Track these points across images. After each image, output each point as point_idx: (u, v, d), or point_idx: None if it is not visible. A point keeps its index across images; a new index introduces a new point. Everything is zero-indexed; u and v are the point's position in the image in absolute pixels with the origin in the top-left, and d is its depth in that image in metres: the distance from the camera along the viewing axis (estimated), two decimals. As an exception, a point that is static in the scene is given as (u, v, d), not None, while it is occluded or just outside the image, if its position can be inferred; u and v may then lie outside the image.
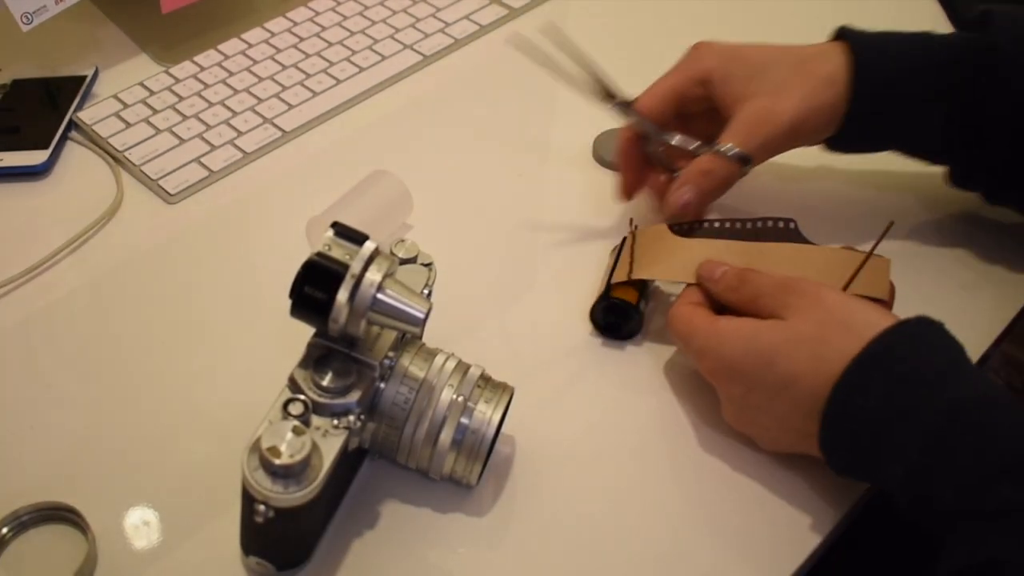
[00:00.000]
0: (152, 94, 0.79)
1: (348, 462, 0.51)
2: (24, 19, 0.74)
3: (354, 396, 0.48)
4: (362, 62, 0.83)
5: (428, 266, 0.54)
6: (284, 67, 0.82)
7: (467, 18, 0.87)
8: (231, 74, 0.81)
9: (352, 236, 0.47)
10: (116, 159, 0.75)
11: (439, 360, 0.52)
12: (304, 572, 0.51)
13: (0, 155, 0.74)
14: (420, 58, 0.83)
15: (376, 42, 0.85)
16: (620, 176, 0.67)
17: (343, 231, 0.48)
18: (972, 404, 0.47)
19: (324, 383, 0.48)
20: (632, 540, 0.52)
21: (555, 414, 0.58)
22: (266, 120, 0.77)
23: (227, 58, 0.83)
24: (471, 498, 0.54)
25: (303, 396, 0.47)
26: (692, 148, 0.64)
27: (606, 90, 0.64)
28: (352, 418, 0.48)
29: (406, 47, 0.84)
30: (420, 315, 0.47)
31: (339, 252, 0.47)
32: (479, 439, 0.51)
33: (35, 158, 0.73)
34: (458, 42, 0.85)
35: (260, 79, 0.81)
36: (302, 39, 0.85)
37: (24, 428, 0.58)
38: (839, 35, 0.65)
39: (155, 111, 0.78)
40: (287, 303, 0.47)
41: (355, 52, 0.84)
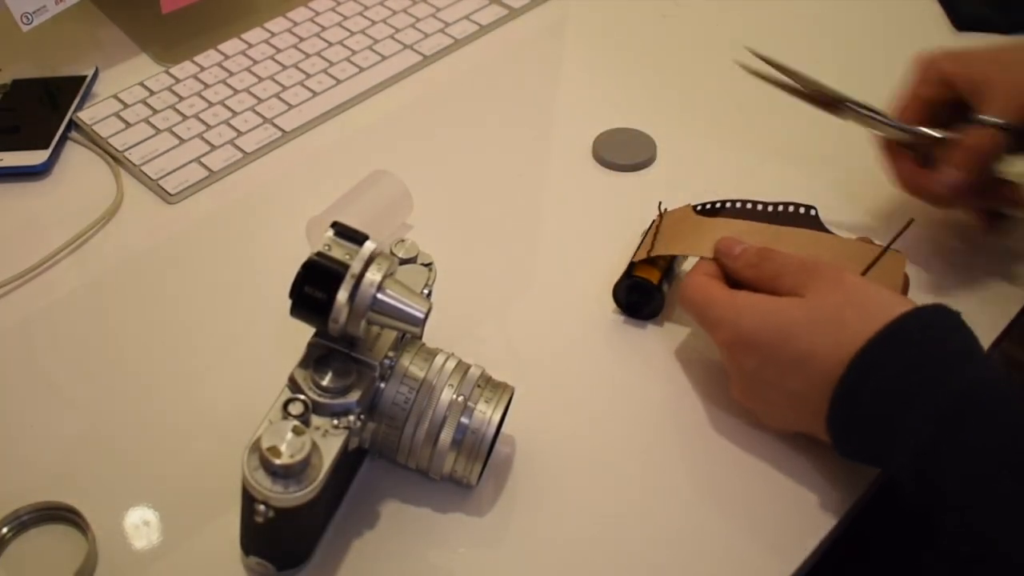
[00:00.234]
0: (152, 94, 0.79)
1: (348, 462, 0.51)
2: (24, 19, 0.74)
3: (354, 396, 0.48)
4: (362, 62, 0.83)
5: (428, 266, 0.54)
6: (284, 67, 0.82)
7: (467, 18, 0.87)
8: (231, 74, 0.81)
9: (352, 236, 0.47)
10: (116, 159, 0.75)
11: (439, 360, 0.52)
12: (304, 572, 0.51)
13: (0, 155, 0.74)
14: (420, 58, 0.83)
15: (376, 42, 0.85)
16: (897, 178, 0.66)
17: (343, 231, 0.48)
18: (983, 390, 0.47)
19: (324, 383, 0.48)
20: (633, 538, 0.52)
21: (555, 414, 0.58)
22: (266, 120, 0.77)
23: (227, 58, 0.83)
24: (471, 498, 0.54)
25: (303, 396, 0.47)
26: (941, 136, 0.62)
27: (837, 96, 0.63)
28: (352, 418, 0.48)
29: (406, 47, 0.84)
30: (420, 315, 0.47)
31: (339, 252, 0.47)
32: (479, 439, 0.51)
33: (35, 158, 0.73)
34: (458, 42, 0.85)
35: (260, 79, 0.81)
36: (302, 39, 0.85)
37: (24, 428, 0.58)
38: None
39: (155, 111, 0.78)
40: (287, 303, 0.47)
41: (355, 52, 0.84)
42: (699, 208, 0.64)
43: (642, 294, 0.62)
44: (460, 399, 0.51)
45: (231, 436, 0.50)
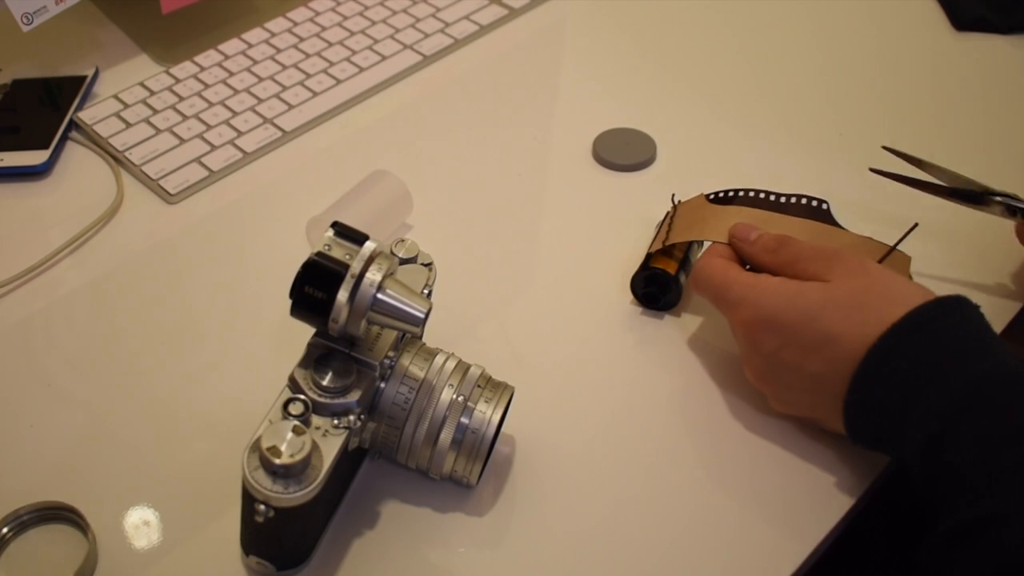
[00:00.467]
0: (152, 94, 0.79)
1: (348, 462, 0.51)
2: (24, 19, 0.74)
3: (354, 396, 0.48)
4: (362, 62, 0.83)
5: (428, 266, 0.54)
6: (284, 67, 0.82)
7: (467, 18, 0.87)
8: (231, 74, 0.81)
9: (352, 236, 0.47)
10: (116, 159, 0.75)
11: (439, 360, 0.52)
12: (304, 572, 0.51)
13: (0, 155, 0.74)
14: (420, 58, 0.83)
15: (376, 42, 0.85)
16: None
17: (343, 231, 0.48)
18: (1002, 377, 0.48)
19: (324, 383, 0.48)
20: (636, 534, 0.52)
21: (555, 413, 0.58)
22: (266, 120, 0.77)
23: (227, 58, 0.83)
24: (471, 498, 0.54)
25: (303, 396, 0.47)
26: None
27: (982, 188, 0.60)
28: (352, 418, 0.48)
29: (406, 47, 0.84)
30: (420, 315, 0.47)
31: (339, 252, 0.47)
32: (479, 439, 0.51)
33: (35, 158, 0.73)
34: (458, 42, 0.85)
35: (260, 79, 0.81)
36: (302, 39, 0.85)
37: (24, 428, 0.58)
38: None
39: (155, 111, 0.78)
40: (287, 303, 0.47)
41: (355, 52, 0.84)
42: (712, 197, 0.65)
43: (659, 285, 0.63)
44: (460, 399, 0.51)
45: (231, 436, 0.50)
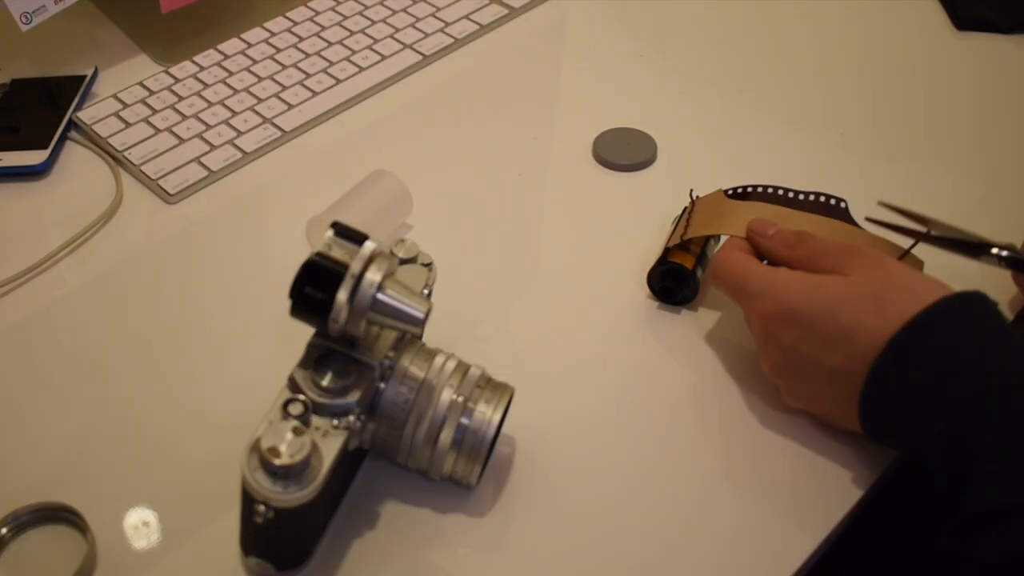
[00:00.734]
0: (152, 94, 0.79)
1: (348, 462, 0.51)
2: (23, 19, 0.74)
3: (354, 396, 0.48)
4: (362, 62, 0.83)
5: (428, 266, 0.54)
6: (284, 67, 0.82)
7: (467, 18, 0.87)
8: (231, 74, 0.81)
9: (352, 236, 0.47)
10: (116, 159, 0.74)
11: (439, 360, 0.52)
12: (304, 572, 0.51)
13: (0, 155, 0.74)
14: (420, 58, 0.83)
15: (376, 42, 0.85)
16: None
17: (343, 231, 0.48)
18: (1022, 369, 0.48)
19: (324, 383, 0.48)
20: (636, 536, 0.52)
21: (555, 413, 0.58)
22: (266, 120, 0.77)
23: (227, 58, 0.83)
24: (471, 498, 0.54)
25: (303, 396, 0.47)
26: None
27: (979, 240, 0.59)
28: (352, 418, 0.48)
29: (406, 47, 0.84)
30: (420, 315, 0.47)
31: (339, 252, 0.47)
32: (479, 439, 0.51)
33: (34, 158, 0.73)
34: (458, 42, 0.85)
35: (260, 79, 0.81)
36: (302, 39, 0.85)
37: (24, 428, 0.58)
38: None
39: (155, 111, 0.78)
40: (287, 303, 0.47)
41: (355, 52, 0.84)
42: (730, 192, 0.65)
43: (676, 279, 0.63)
44: (460, 399, 0.51)
45: (231, 436, 0.50)
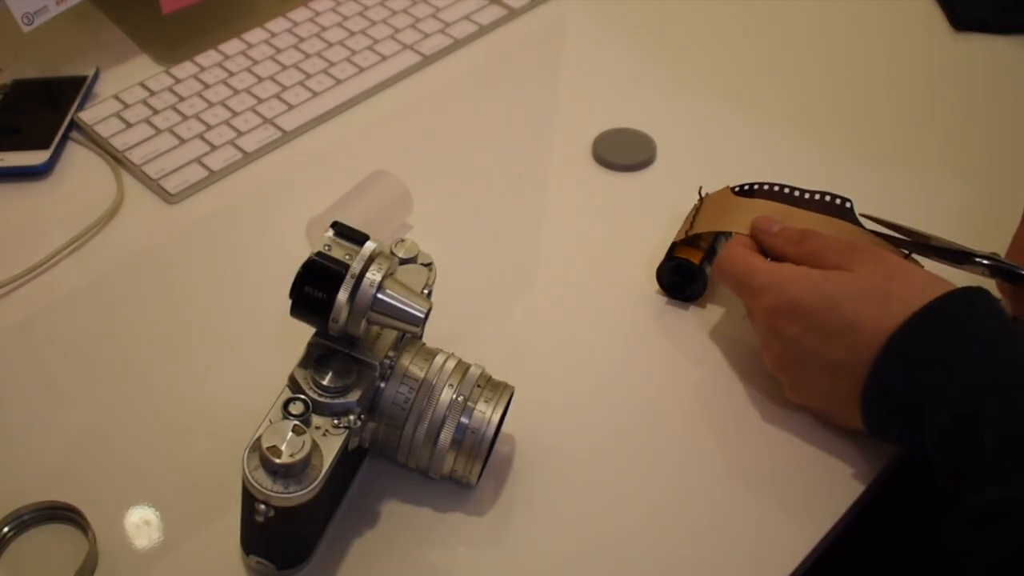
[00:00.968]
0: (152, 94, 0.79)
1: (348, 462, 0.51)
2: (25, 20, 0.74)
3: (354, 396, 0.48)
4: (362, 62, 0.83)
5: (428, 266, 0.54)
6: (284, 67, 0.82)
7: (467, 18, 0.87)
8: (231, 74, 0.81)
9: (352, 236, 0.48)
10: (117, 159, 0.75)
11: (439, 360, 0.52)
12: (304, 571, 0.51)
13: (1, 155, 0.74)
14: (420, 58, 0.84)
15: (376, 42, 0.85)
16: None
17: (343, 231, 0.48)
18: None
19: (324, 383, 0.48)
20: (637, 534, 0.53)
21: (555, 412, 0.58)
22: (266, 120, 0.77)
23: (227, 58, 0.83)
24: (471, 498, 0.54)
25: (303, 396, 0.47)
26: None
27: (965, 250, 0.60)
28: (352, 418, 0.48)
29: (406, 47, 0.84)
30: (420, 315, 0.47)
31: (339, 252, 0.47)
32: (479, 439, 0.51)
33: (36, 158, 0.73)
34: (458, 42, 0.85)
35: (260, 79, 0.81)
36: (302, 39, 0.85)
37: (25, 427, 0.58)
38: None
39: (156, 111, 0.78)
40: (287, 303, 0.47)
41: (355, 52, 0.84)
42: (737, 189, 0.65)
43: (684, 275, 0.63)
44: (460, 399, 0.51)
45: (231, 436, 0.50)
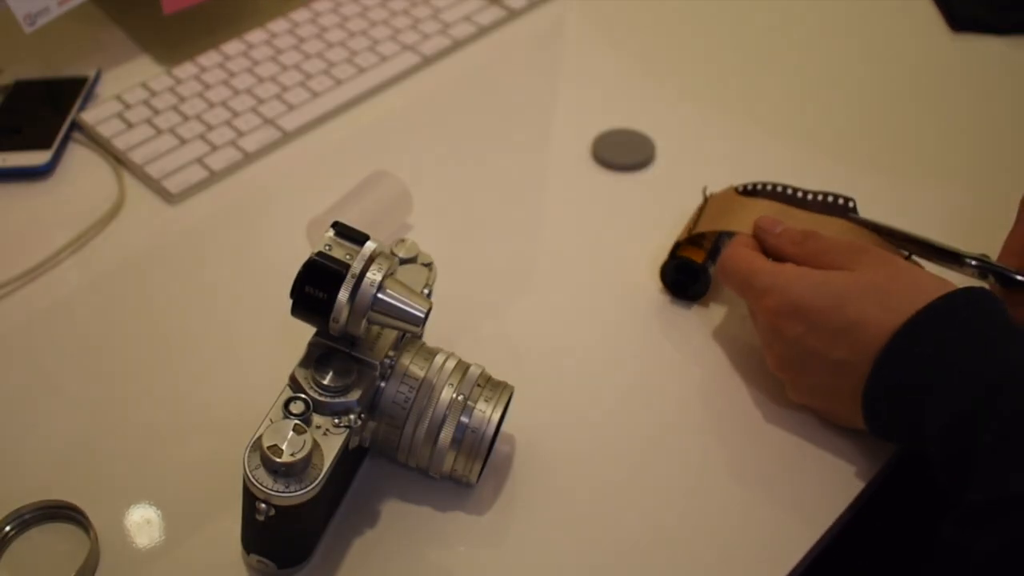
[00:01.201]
0: (154, 95, 0.80)
1: (349, 461, 0.51)
2: (27, 20, 0.74)
3: (355, 395, 0.48)
4: (363, 63, 0.83)
5: (428, 266, 0.54)
6: (285, 68, 0.82)
7: (467, 19, 0.87)
8: (232, 75, 0.81)
9: (352, 236, 0.48)
10: (118, 160, 0.75)
11: (439, 359, 0.52)
12: (305, 570, 0.51)
13: (3, 156, 0.74)
14: (420, 59, 0.84)
15: (377, 43, 0.85)
16: None
17: (343, 231, 0.48)
18: None
19: (325, 382, 0.48)
20: (638, 533, 0.53)
21: (555, 412, 0.58)
22: (267, 121, 0.77)
23: (228, 59, 0.83)
24: (471, 497, 0.54)
25: (304, 395, 0.48)
26: None
27: (955, 251, 0.60)
28: (353, 417, 0.48)
29: (406, 48, 0.85)
30: (420, 314, 0.47)
31: (340, 252, 0.47)
32: (479, 438, 0.51)
33: (38, 159, 0.74)
34: (458, 43, 0.86)
35: (261, 80, 0.81)
36: (303, 40, 0.85)
37: (26, 427, 0.58)
38: None
39: (157, 112, 0.78)
40: (288, 303, 0.47)
41: (356, 53, 0.84)
42: (741, 189, 0.65)
43: (688, 274, 0.63)
44: (460, 398, 0.51)
45: (232, 435, 0.50)
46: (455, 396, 0.51)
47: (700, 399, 0.59)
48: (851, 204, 0.63)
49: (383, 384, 0.51)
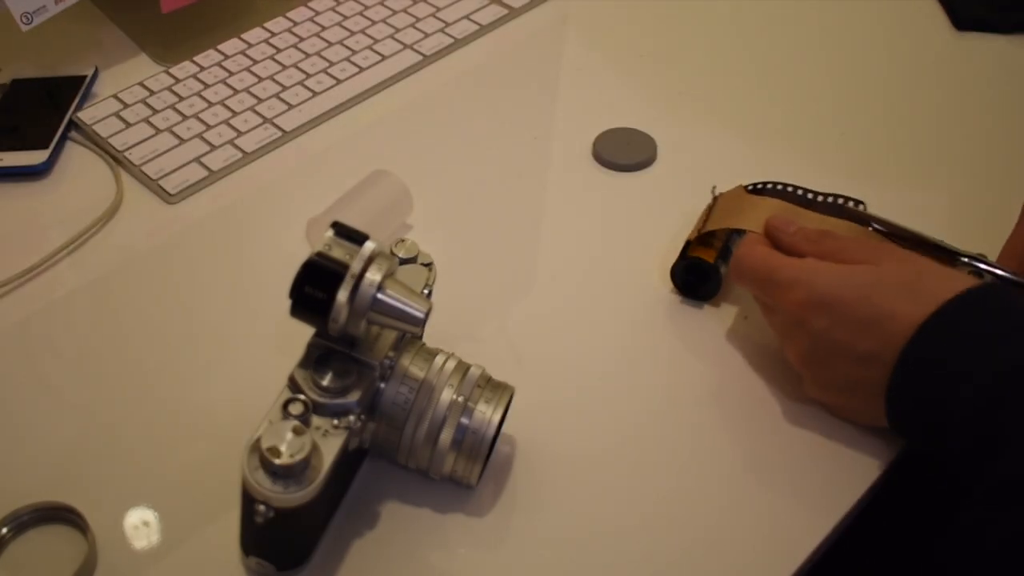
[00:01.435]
0: (152, 94, 0.79)
1: (348, 462, 0.51)
2: (24, 19, 0.74)
3: (354, 396, 0.48)
4: (362, 62, 0.83)
5: (428, 266, 0.54)
6: (284, 67, 0.82)
7: (467, 18, 0.87)
8: (231, 74, 0.81)
9: (352, 236, 0.47)
10: (116, 159, 0.75)
11: (439, 360, 0.52)
12: (304, 572, 0.51)
13: (0, 155, 0.74)
14: (420, 58, 0.83)
15: (376, 42, 0.85)
16: None
17: (343, 231, 0.48)
18: None
19: (324, 383, 0.48)
20: (639, 533, 0.52)
21: (555, 413, 0.58)
22: (266, 120, 0.77)
23: (227, 58, 0.83)
24: (471, 498, 0.54)
25: (303, 396, 0.47)
26: None
27: (950, 250, 0.60)
28: (352, 418, 0.48)
29: (406, 47, 0.84)
30: (420, 315, 0.47)
31: (339, 252, 0.47)
32: (479, 439, 0.51)
33: (35, 158, 0.73)
34: (458, 42, 0.85)
35: (260, 79, 0.81)
36: (302, 39, 0.85)
37: (24, 428, 0.58)
38: None
39: (155, 111, 0.78)
40: (287, 303, 0.47)
41: (355, 52, 0.84)
42: (750, 188, 0.65)
43: (699, 274, 0.63)
44: (460, 399, 0.51)
45: (231, 436, 0.50)
46: (455, 397, 0.51)
47: (712, 398, 0.59)
48: (861, 206, 0.62)
49: (383, 385, 0.50)
